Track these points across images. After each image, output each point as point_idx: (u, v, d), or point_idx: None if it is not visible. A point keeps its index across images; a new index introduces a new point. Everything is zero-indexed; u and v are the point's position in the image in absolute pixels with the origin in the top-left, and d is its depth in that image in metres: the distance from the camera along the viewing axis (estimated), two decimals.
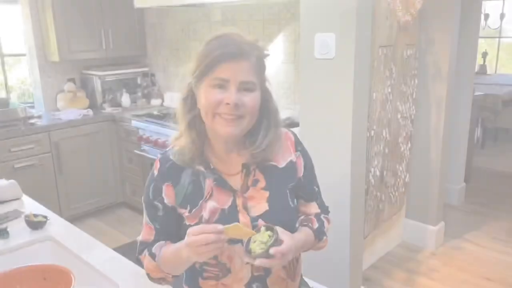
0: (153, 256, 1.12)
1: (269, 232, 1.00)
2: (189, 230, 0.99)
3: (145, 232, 1.18)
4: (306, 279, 1.37)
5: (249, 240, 1.01)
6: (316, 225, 1.19)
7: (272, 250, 0.97)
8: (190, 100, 1.11)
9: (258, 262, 0.98)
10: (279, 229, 1.03)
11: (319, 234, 1.19)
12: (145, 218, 1.18)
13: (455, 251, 3.04)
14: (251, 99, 1.05)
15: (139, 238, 1.19)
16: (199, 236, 0.96)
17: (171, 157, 1.14)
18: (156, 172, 1.14)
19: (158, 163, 1.15)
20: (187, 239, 0.99)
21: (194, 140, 1.10)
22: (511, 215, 3.56)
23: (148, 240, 1.16)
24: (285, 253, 1.00)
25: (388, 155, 2.65)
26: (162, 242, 1.14)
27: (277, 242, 0.99)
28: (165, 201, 1.13)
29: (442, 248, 3.08)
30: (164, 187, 1.12)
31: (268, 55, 1.11)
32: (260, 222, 1.03)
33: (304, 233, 1.15)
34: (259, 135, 1.11)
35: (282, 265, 1.15)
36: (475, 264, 2.86)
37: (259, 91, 1.08)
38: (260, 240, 0.99)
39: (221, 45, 1.03)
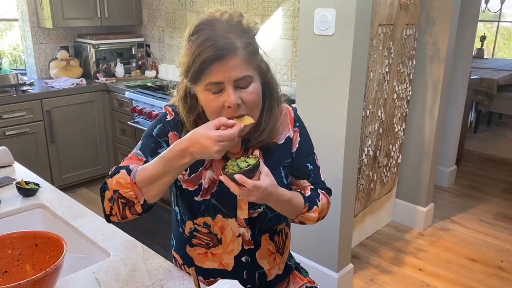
0: (128, 170, 1.01)
1: (251, 161, 0.96)
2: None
3: (128, 161, 1.08)
4: (293, 253, 1.39)
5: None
6: (308, 193, 1.17)
7: (237, 176, 0.92)
8: (190, 99, 1.07)
9: (222, 178, 0.95)
10: (264, 168, 0.99)
11: (310, 202, 1.15)
12: (136, 150, 1.10)
13: (442, 232, 3.09)
14: (250, 94, 0.99)
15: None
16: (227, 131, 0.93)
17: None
18: (169, 117, 1.12)
19: (173, 112, 1.12)
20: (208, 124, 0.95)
21: None
22: (499, 199, 3.61)
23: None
24: (250, 187, 0.93)
25: (382, 135, 2.65)
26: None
27: (252, 173, 0.94)
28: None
29: (430, 228, 3.13)
30: (170, 135, 1.11)
31: (257, 30, 1.03)
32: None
33: (292, 192, 1.12)
34: (262, 119, 1.09)
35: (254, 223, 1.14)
36: (461, 245, 2.92)
37: (257, 79, 1.02)
38: (238, 162, 0.97)
39: (205, 45, 0.94)
